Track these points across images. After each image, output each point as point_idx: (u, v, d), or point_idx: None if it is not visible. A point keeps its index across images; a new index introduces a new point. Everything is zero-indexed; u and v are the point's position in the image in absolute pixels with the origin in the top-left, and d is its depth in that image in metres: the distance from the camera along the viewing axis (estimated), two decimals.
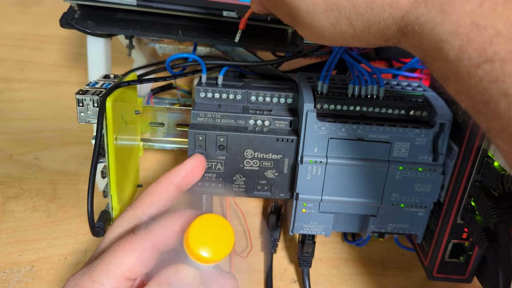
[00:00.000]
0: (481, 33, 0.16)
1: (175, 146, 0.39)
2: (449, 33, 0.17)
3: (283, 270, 0.39)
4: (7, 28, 0.62)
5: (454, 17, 0.17)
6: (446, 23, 0.17)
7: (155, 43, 0.47)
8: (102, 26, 0.34)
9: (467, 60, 0.16)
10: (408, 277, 0.39)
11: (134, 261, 0.25)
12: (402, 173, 0.32)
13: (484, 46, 0.16)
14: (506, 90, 0.15)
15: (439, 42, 0.17)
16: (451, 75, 0.18)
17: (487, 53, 0.16)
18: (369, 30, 0.20)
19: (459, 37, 0.17)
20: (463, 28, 0.16)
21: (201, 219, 0.26)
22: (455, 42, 0.17)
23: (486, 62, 0.16)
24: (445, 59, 0.17)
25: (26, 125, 0.50)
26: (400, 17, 0.19)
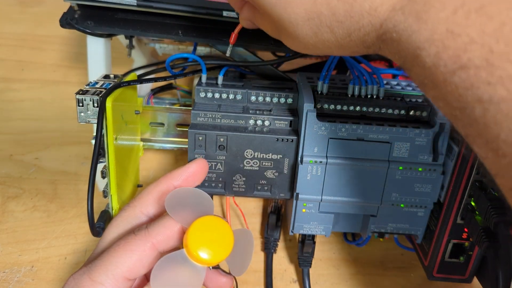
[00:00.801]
0: (455, 40, 0.16)
1: (175, 146, 0.39)
2: (425, 40, 0.17)
3: (283, 270, 0.39)
4: (7, 28, 0.62)
5: (429, 25, 0.17)
6: (422, 31, 0.17)
7: (155, 43, 0.47)
8: (102, 26, 0.34)
9: (443, 67, 0.17)
10: (408, 277, 0.39)
11: (134, 262, 0.25)
12: (402, 173, 0.32)
13: (459, 53, 0.16)
14: (481, 96, 0.16)
15: (416, 49, 0.18)
16: (428, 81, 0.18)
17: (461, 60, 0.16)
18: (350, 38, 0.21)
19: (435, 44, 0.17)
20: (438, 35, 0.17)
21: (201, 220, 0.26)
22: (431, 49, 0.17)
23: (461, 69, 0.16)
24: (422, 66, 0.18)
25: (26, 125, 0.50)
26: (379, 24, 0.19)
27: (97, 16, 0.34)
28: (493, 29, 0.15)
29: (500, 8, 0.16)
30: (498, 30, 0.15)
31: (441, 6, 0.17)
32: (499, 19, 0.15)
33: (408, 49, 0.18)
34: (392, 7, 0.19)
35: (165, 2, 0.33)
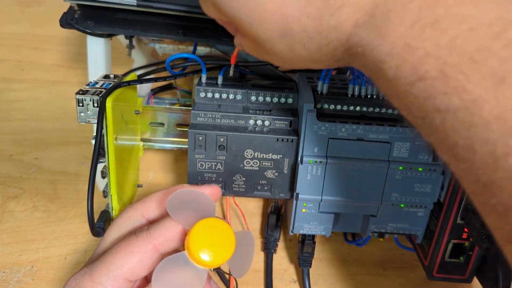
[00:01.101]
0: (413, 53, 0.17)
1: (175, 146, 0.39)
2: (386, 54, 0.18)
3: (283, 270, 0.39)
4: (7, 28, 0.62)
5: (389, 39, 0.18)
6: (383, 45, 0.18)
7: (155, 43, 0.47)
8: (102, 26, 0.34)
9: (403, 78, 0.18)
10: (408, 277, 0.39)
11: (135, 263, 0.25)
12: (402, 173, 0.32)
13: (417, 66, 0.17)
14: (439, 106, 0.16)
15: (379, 63, 0.19)
16: (392, 93, 0.19)
17: (419, 72, 0.17)
18: (321, 52, 0.22)
19: (395, 57, 0.18)
20: (397, 49, 0.18)
21: (202, 223, 0.26)
22: (392, 62, 0.18)
23: (419, 80, 0.17)
24: (386, 78, 0.19)
25: (26, 125, 0.50)
26: (345, 39, 0.20)
27: (97, 16, 0.34)
28: (446, 42, 0.16)
29: (453, 22, 0.16)
30: (451, 43, 0.16)
31: (399, 21, 0.18)
32: (452, 33, 0.16)
33: (372, 63, 0.19)
34: (355, 23, 0.19)
35: (165, 2, 0.33)
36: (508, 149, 0.15)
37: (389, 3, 0.18)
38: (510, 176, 0.15)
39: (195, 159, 0.32)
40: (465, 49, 0.16)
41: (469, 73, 0.16)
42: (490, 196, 0.16)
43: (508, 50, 0.15)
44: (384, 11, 0.18)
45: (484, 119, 0.15)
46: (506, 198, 0.15)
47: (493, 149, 0.15)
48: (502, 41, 0.15)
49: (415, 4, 0.17)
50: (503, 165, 0.15)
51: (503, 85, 0.15)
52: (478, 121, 0.15)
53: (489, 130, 0.15)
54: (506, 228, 0.16)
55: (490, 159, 0.15)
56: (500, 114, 0.15)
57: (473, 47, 0.16)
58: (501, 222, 0.16)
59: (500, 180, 0.15)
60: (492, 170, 0.15)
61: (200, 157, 0.32)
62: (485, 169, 0.16)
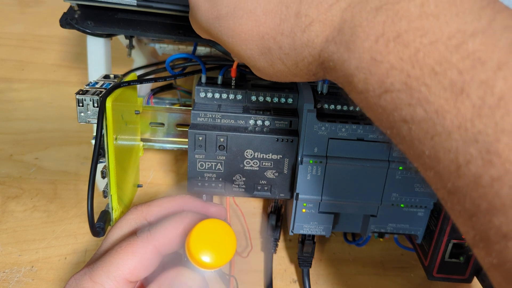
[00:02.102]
0: (378, 67, 0.18)
1: (175, 146, 0.39)
2: (355, 68, 0.19)
3: (283, 270, 0.39)
4: (7, 28, 0.62)
5: (357, 54, 0.18)
6: (352, 59, 0.19)
7: (155, 43, 0.47)
8: (102, 26, 0.34)
9: (371, 91, 0.18)
10: (408, 277, 0.39)
11: (136, 264, 0.25)
12: (402, 173, 0.32)
13: (383, 78, 0.17)
14: (405, 117, 0.17)
15: (349, 76, 0.19)
16: (363, 105, 0.20)
17: (385, 85, 0.17)
18: (298, 67, 0.22)
19: (363, 71, 0.18)
20: (364, 63, 0.18)
21: (203, 224, 0.26)
22: (361, 76, 0.18)
23: (386, 92, 0.18)
24: (356, 91, 0.19)
25: (26, 125, 0.50)
26: (317, 55, 0.21)
27: (97, 16, 0.34)
28: (409, 56, 0.17)
29: (414, 36, 0.17)
30: (413, 56, 0.16)
31: (365, 36, 0.18)
32: (414, 46, 0.17)
33: (343, 76, 0.20)
34: (325, 38, 0.20)
35: (165, 2, 0.33)
36: (469, 156, 0.15)
37: (356, 19, 0.19)
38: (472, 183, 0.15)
39: (195, 159, 0.32)
40: (426, 61, 0.16)
41: (431, 84, 0.16)
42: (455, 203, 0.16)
43: (467, 62, 0.15)
44: (351, 26, 0.19)
45: (446, 128, 0.16)
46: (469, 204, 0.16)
47: (455, 157, 0.16)
48: (461, 53, 0.16)
49: (379, 19, 0.18)
50: (465, 172, 0.15)
51: (462, 96, 0.15)
52: (441, 130, 0.16)
53: (451, 139, 0.16)
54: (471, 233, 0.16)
55: (453, 167, 0.16)
56: (461, 123, 0.15)
57: (434, 60, 0.16)
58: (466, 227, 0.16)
59: (463, 187, 0.16)
60: (455, 177, 0.16)
61: (200, 157, 0.32)
62: (449, 177, 0.16)
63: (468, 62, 0.15)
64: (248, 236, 0.41)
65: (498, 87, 0.15)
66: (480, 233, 0.16)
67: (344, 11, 0.19)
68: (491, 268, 0.16)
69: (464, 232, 0.17)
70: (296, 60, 0.22)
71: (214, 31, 0.24)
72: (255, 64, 0.24)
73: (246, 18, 0.22)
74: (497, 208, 0.15)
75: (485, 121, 0.15)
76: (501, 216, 0.15)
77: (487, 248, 0.16)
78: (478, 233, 0.16)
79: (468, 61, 0.15)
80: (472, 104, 0.15)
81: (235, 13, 0.23)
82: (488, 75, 0.15)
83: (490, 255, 0.16)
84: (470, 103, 0.15)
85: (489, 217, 0.15)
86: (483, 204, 0.15)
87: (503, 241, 0.15)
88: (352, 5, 0.19)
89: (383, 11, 0.18)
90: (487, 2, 0.17)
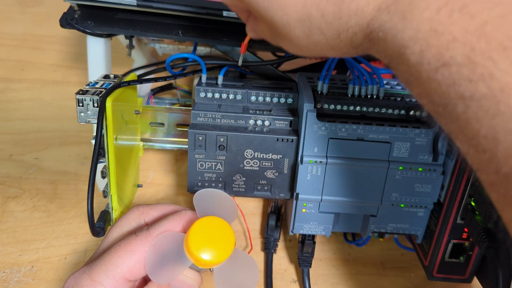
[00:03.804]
0: (438, 38, 0.17)
1: (175, 146, 0.39)
2: (409, 39, 0.18)
3: (283, 270, 0.39)
4: (7, 28, 0.62)
5: (414, 24, 0.17)
6: (407, 29, 0.18)
7: (155, 43, 0.47)
8: (102, 26, 0.34)
9: (426, 64, 0.17)
10: (408, 277, 0.39)
11: (134, 263, 0.25)
12: (402, 173, 0.32)
13: (442, 51, 0.17)
14: (463, 93, 0.16)
15: (401, 48, 0.18)
16: (413, 79, 0.18)
17: (444, 58, 0.17)
18: (339, 38, 0.21)
19: (419, 42, 0.17)
20: (422, 34, 0.17)
21: (201, 221, 0.26)
22: (416, 47, 0.17)
23: (444, 66, 0.17)
24: (407, 63, 0.18)
25: (26, 125, 0.50)
26: (366, 24, 0.20)
27: (97, 16, 0.34)
28: (475, 28, 0.16)
29: (482, 8, 0.16)
30: (479, 29, 0.16)
31: (425, 6, 0.17)
32: (481, 18, 0.16)
33: (393, 48, 0.19)
34: (378, 7, 0.19)
35: (165, 2, 0.33)
36: None
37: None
38: None
39: (195, 159, 0.32)
40: (494, 35, 0.15)
41: (498, 60, 0.15)
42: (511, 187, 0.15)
43: None
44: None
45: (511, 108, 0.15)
46: None
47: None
48: None
49: None
50: None
51: None
52: (505, 110, 0.15)
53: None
54: None
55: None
56: None
57: (503, 34, 0.15)
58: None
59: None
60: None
61: (200, 157, 0.32)
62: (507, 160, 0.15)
63: None
64: (248, 236, 0.41)
65: None
66: None
67: None
68: None
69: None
70: (339, 31, 0.21)
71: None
72: (288, 33, 0.22)
73: None
74: None
75: None
76: None
77: None
78: None
79: None
80: None
81: None
82: None
83: None
84: None
85: None
86: None
87: None
88: None
89: None
90: None
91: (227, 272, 0.26)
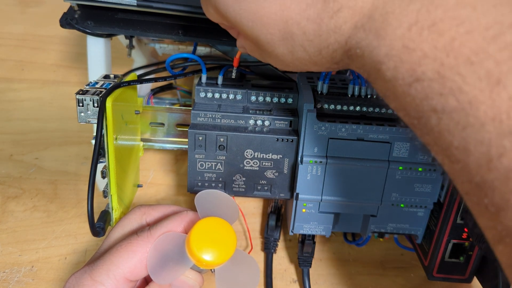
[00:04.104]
0: (410, 55, 0.17)
1: (175, 146, 0.39)
2: (384, 55, 0.18)
3: (283, 270, 0.39)
4: (7, 28, 0.62)
5: (387, 41, 0.18)
6: (381, 47, 0.18)
7: (155, 43, 0.47)
8: (102, 26, 0.34)
9: (401, 79, 0.18)
10: (408, 277, 0.39)
11: (135, 263, 0.25)
12: (402, 173, 0.32)
13: (414, 67, 0.17)
14: (435, 107, 0.17)
15: (377, 64, 0.19)
16: (389, 93, 0.19)
17: (416, 73, 0.17)
18: (321, 55, 0.22)
19: (393, 59, 0.18)
20: (395, 50, 0.18)
21: (203, 222, 0.26)
22: (390, 64, 0.18)
23: (416, 81, 0.17)
24: (383, 79, 0.19)
25: (26, 125, 0.50)
26: (344, 41, 0.20)
27: (97, 16, 0.34)
28: (444, 44, 0.16)
29: (450, 25, 0.16)
30: (448, 45, 0.16)
31: (397, 24, 0.18)
32: (449, 35, 0.16)
33: (370, 64, 0.19)
34: (354, 25, 0.20)
35: (165, 2, 0.33)
36: (502, 149, 0.15)
37: (388, 6, 0.18)
38: (503, 177, 0.15)
39: (195, 159, 0.32)
40: (462, 51, 0.16)
41: (466, 74, 0.16)
42: (483, 197, 0.16)
43: (504, 52, 0.15)
44: (383, 13, 0.19)
45: (479, 120, 0.15)
46: (498, 198, 0.15)
47: (487, 150, 0.15)
48: (499, 44, 0.15)
49: (413, 7, 0.18)
50: (496, 166, 0.15)
51: (498, 87, 0.15)
52: (474, 121, 0.16)
53: (484, 131, 0.15)
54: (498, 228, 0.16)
55: (484, 160, 0.16)
56: (495, 115, 0.15)
57: (470, 49, 0.16)
58: (492, 222, 0.16)
59: (493, 181, 0.15)
60: (486, 170, 0.16)
61: (200, 157, 0.32)
62: (478, 170, 0.16)
63: (506, 53, 0.15)
64: (248, 236, 0.41)
65: None
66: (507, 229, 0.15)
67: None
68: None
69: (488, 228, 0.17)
70: (320, 47, 0.21)
71: (231, 14, 0.23)
72: (273, 51, 0.23)
73: (270, 1, 0.21)
74: None
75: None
76: None
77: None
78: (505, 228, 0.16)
79: (506, 52, 0.15)
80: (508, 95, 0.15)
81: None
82: None
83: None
84: (507, 95, 0.15)
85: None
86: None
87: None
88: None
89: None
90: None
91: (228, 273, 0.26)
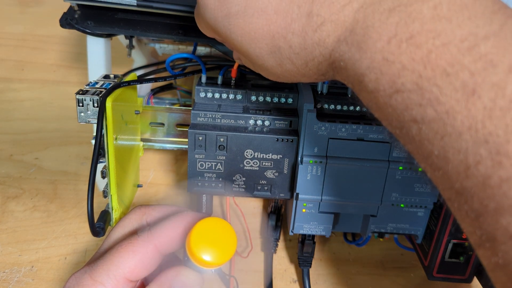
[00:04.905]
0: (390, 67, 0.18)
1: (175, 146, 0.39)
2: (366, 68, 0.19)
3: (283, 270, 0.39)
4: (7, 28, 0.62)
5: (368, 54, 0.19)
6: (363, 59, 0.19)
7: (155, 43, 0.47)
8: (102, 26, 0.34)
9: (382, 91, 0.19)
10: (408, 277, 0.39)
11: (136, 263, 0.25)
12: (402, 173, 0.32)
13: (394, 79, 0.18)
14: (415, 117, 0.17)
15: (360, 76, 0.19)
16: (372, 104, 0.20)
17: (396, 85, 0.18)
18: (308, 67, 0.23)
19: (374, 71, 0.19)
20: (376, 63, 0.18)
21: (203, 222, 0.26)
22: (372, 76, 0.19)
23: (397, 92, 0.18)
24: (366, 90, 0.19)
25: (26, 125, 0.50)
26: (328, 54, 0.21)
27: (97, 16, 0.34)
28: (421, 56, 0.17)
29: (427, 37, 0.17)
30: (425, 57, 0.17)
31: (377, 37, 0.18)
32: (426, 47, 0.17)
33: (354, 76, 0.20)
34: (337, 38, 0.20)
35: (165, 2, 0.33)
36: (479, 157, 0.15)
37: (368, 20, 0.19)
38: (480, 184, 0.16)
39: (195, 159, 0.32)
40: (438, 63, 0.16)
41: (442, 85, 0.16)
42: (463, 203, 0.17)
43: (479, 64, 0.16)
44: (364, 27, 0.19)
45: (456, 129, 0.16)
46: (477, 204, 0.16)
47: (465, 158, 0.16)
48: (473, 55, 0.16)
49: (392, 20, 0.18)
50: (474, 173, 0.16)
51: (473, 97, 0.15)
52: (451, 131, 0.16)
53: (461, 139, 0.16)
54: (477, 233, 0.16)
55: (462, 167, 0.16)
56: (471, 124, 0.15)
57: (446, 61, 0.16)
58: (472, 227, 0.17)
59: (471, 187, 0.16)
60: (464, 177, 0.16)
61: (200, 157, 0.32)
62: (457, 177, 0.16)
63: (480, 64, 0.16)
64: (248, 236, 0.41)
65: (510, 89, 0.15)
66: (486, 233, 0.16)
67: (357, 11, 0.19)
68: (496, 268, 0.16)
69: (469, 233, 0.17)
70: (306, 60, 0.22)
71: (222, 29, 0.24)
72: (263, 64, 0.24)
73: (257, 16, 0.22)
74: (505, 208, 0.15)
75: (496, 123, 0.15)
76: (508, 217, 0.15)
77: (493, 248, 0.16)
78: (485, 233, 0.16)
79: (480, 63, 0.16)
80: (483, 105, 0.15)
81: (246, 12, 0.23)
82: (499, 77, 0.15)
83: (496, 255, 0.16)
84: (482, 105, 0.15)
85: (497, 218, 0.15)
86: (491, 205, 0.15)
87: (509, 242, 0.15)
88: (365, 6, 0.19)
89: (396, 12, 0.18)
90: (498, 7, 0.17)
91: None
